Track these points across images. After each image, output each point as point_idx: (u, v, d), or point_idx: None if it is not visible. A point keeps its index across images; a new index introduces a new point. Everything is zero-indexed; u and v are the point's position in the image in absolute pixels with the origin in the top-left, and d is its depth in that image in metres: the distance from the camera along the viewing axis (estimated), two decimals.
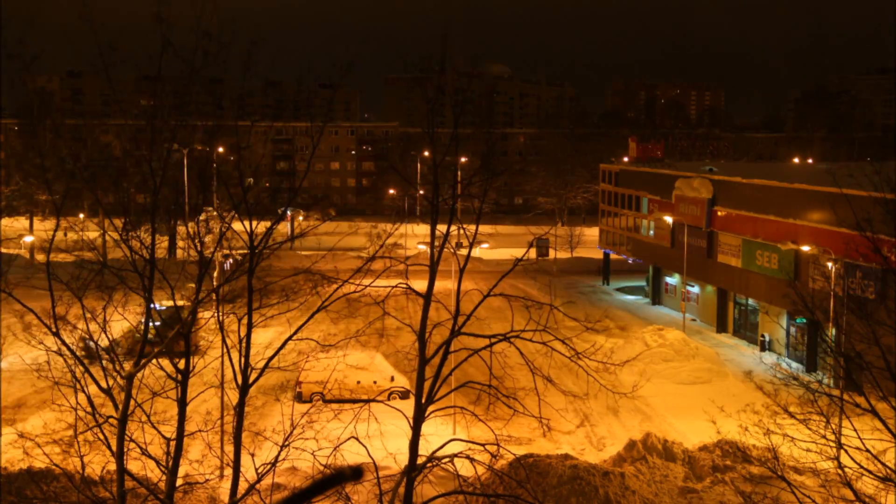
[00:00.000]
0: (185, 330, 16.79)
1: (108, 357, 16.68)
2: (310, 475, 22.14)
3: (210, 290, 18.27)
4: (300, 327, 17.76)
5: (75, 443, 16.41)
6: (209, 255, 17.59)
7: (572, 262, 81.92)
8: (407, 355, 21.72)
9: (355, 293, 18.45)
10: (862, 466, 16.35)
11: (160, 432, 17.01)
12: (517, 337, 18.35)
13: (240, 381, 17.23)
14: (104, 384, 16.63)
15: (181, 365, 16.94)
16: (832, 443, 16.74)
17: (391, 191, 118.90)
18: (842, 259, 38.79)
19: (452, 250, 21.86)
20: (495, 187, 23.46)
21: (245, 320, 17.25)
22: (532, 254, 23.72)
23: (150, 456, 16.76)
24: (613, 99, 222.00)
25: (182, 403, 16.80)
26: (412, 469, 17.85)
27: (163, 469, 16.94)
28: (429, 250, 20.20)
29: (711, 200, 55.56)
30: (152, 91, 17.40)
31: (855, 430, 16.50)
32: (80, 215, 62.62)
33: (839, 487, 18.02)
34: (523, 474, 23.22)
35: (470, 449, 18.10)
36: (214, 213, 19.56)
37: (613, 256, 75.41)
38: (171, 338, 17.06)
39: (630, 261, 72.95)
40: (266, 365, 17.41)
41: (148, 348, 16.73)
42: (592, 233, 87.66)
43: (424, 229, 74.42)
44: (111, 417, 16.47)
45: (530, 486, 20.19)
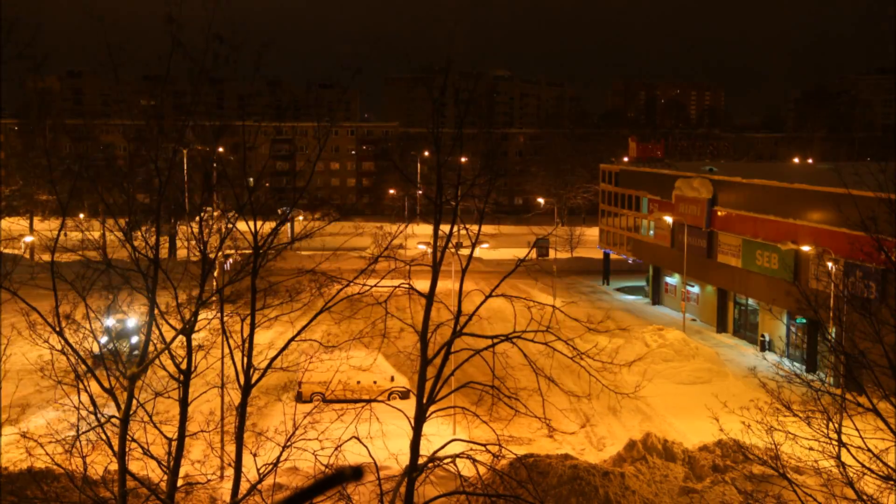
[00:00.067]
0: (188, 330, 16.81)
1: (112, 357, 16.70)
2: (311, 475, 22.14)
3: (213, 291, 18.27)
4: (303, 328, 17.77)
5: (77, 443, 16.41)
6: (212, 256, 17.61)
7: (572, 262, 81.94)
8: (409, 356, 21.72)
9: (358, 294, 18.46)
10: (864, 465, 16.37)
11: (162, 432, 17.02)
12: (519, 337, 18.35)
13: (242, 382, 17.24)
14: (107, 384, 16.64)
15: (183, 365, 16.96)
16: (834, 442, 16.76)
17: (391, 191, 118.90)
18: (842, 259, 38.83)
19: (453, 251, 21.85)
20: (496, 187, 23.43)
21: (248, 321, 17.27)
22: (532, 254, 23.73)
23: (152, 456, 16.77)
24: (613, 99, 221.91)
25: (184, 403, 16.81)
26: (413, 469, 17.85)
27: (164, 469, 16.96)
28: (429, 250, 20.19)
29: (711, 200, 55.57)
30: (157, 91, 17.41)
31: (856, 430, 16.51)
32: (81, 215, 62.64)
33: (841, 487, 18.03)
34: (524, 474, 23.22)
35: (471, 449, 18.09)
36: (217, 213, 19.53)
37: (613, 256, 75.45)
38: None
39: (630, 261, 72.98)
40: (269, 365, 17.43)
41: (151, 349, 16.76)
42: (592, 233, 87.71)
43: (425, 229, 74.39)
44: (113, 417, 16.49)
45: (531, 487, 20.18)
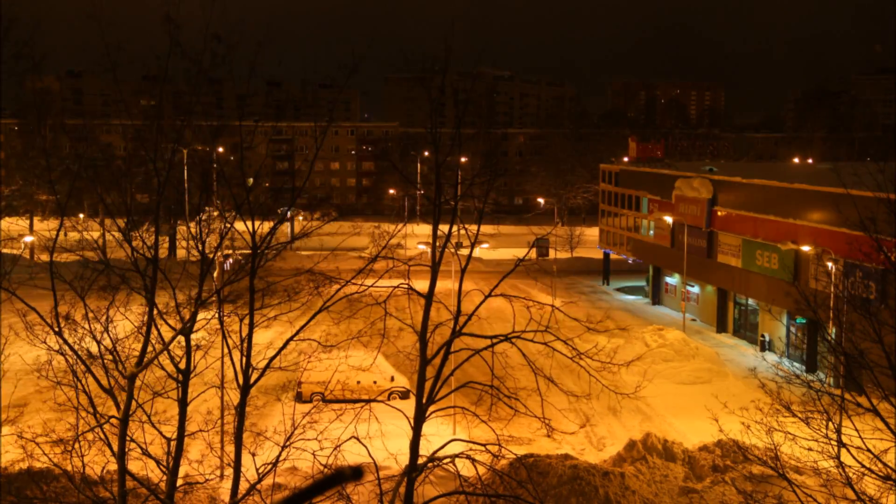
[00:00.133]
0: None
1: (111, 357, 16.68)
2: (310, 475, 22.13)
3: (212, 291, 18.26)
4: (302, 327, 17.75)
5: (76, 443, 16.40)
6: (211, 256, 17.59)
7: (572, 262, 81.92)
8: (408, 356, 21.70)
9: (357, 294, 18.45)
10: (863, 466, 16.35)
11: (161, 432, 17.01)
12: (518, 337, 18.33)
13: (241, 382, 17.23)
14: (106, 384, 16.63)
15: (182, 365, 16.95)
16: (833, 442, 16.74)
17: (391, 191, 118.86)
18: (842, 259, 38.81)
19: (453, 251, 21.83)
20: (495, 187, 23.39)
21: (246, 320, 17.25)
22: (532, 254, 23.70)
23: (151, 456, 16.76)
24: (613, 99, 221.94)
25: (183, 403, 16.80)
26: (413, 469, 17.84)
27: (163, 469, 16.94)
28: (428, 250, 20.17)
29: (711, 200, 55.55)
30: (156, 91, 17.39)
31: (856, 430, 16.50)
32: (80, 215, 62.60)
33: (840, 487, 18.01)
34: (524, 474, 23.21)
35: (471, 449, 18.08)
36: (216, 213, 19.51)
37: (613, 256, 75.42)
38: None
39: (630, 261, 72.95)
40: (268, 365, 17.41)
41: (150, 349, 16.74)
42: (592, 233, 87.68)
43: (424, 229, 74.38)
44: (112, 417, 16.47)
45: (531, 487, 20.17)
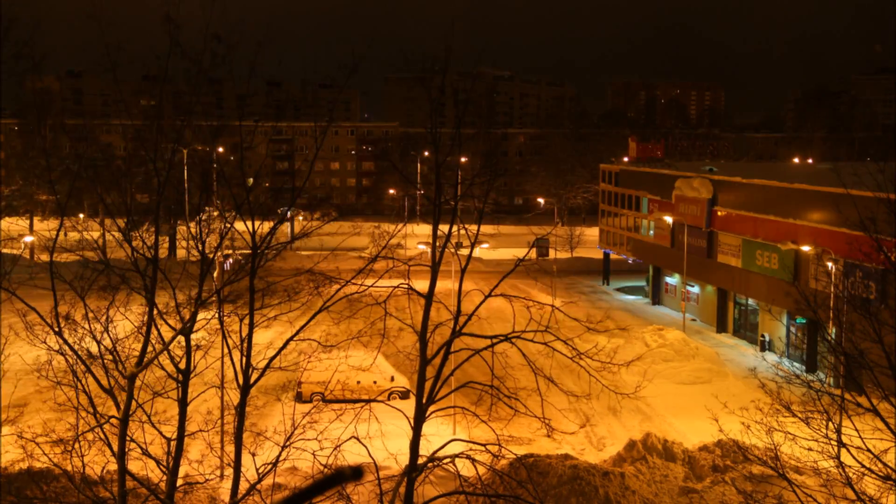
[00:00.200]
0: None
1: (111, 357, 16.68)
2: (310, 475, 22.12)
3: (212, 291, 18.26)
4: (302, 327, 17.75)
5: (76, 443, 16.40)
6: (211, 256, 17.59)
7: (572, 262, 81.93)
8: (408, 356, 21.70)
9: (357, 294, 18.45)
10: (864, 466, 16.35)
11: (161, 432, 17.01)
12: (518, 337, 18.33)
13: (241, 382, 17.22)
14: (106, 384, 16.63)
15: (182, 365, 16.94)
16: (833, 442, 16.74)
17: (391, 191, 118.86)
18: (842, 259, 38.81)
19: (453, 251, 21.83)
20: (495, 187, 23.38)
21: (246, 320, 17.25)
22: (532, 254, 23.70)
23: (151, 456, 16.76)
24: (613, 99, 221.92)
25: (183, 403, 16.79)
26: (413, 469, 17.84)
27: (163, 469, 16.94)
28: (428, 250, 20.17)
29: (711, 200, 55.55)
30: (156, 91, 17.40)
31: (856, 430, 16.50)
32: (80, 215, 62.57)
33: (840, 487, 18.01)
34: (524, 474, 23.20)
35: (471, 449, 18.07)
36: (216, 213, 19.51)
37: (613, 256, 75.42)
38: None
39: (630, 261, 72.95)
40: (268, 365, 17.41)
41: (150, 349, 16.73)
42: (592, 233, 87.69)
43: (424, 229, 74.36)
44: (112, 417, 16.47)
45: (531, 487, 20.16)
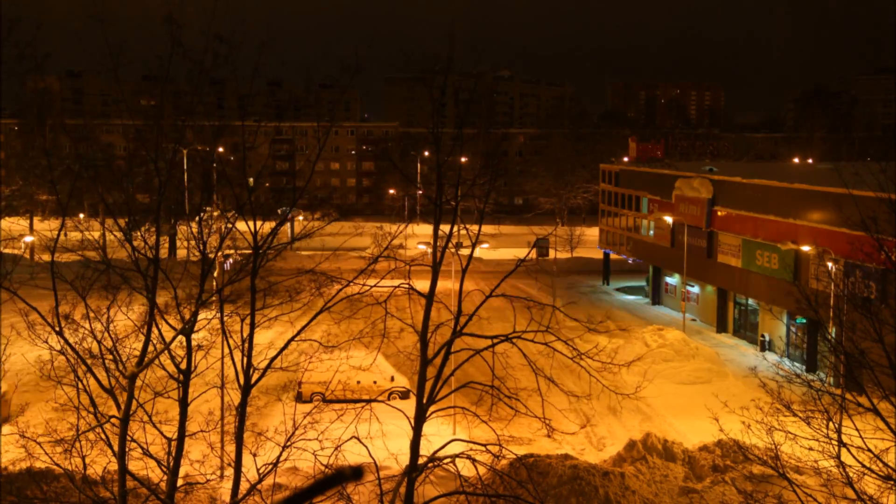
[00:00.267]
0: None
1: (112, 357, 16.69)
2: (311, 475, 22.13)
3: (213, 291, 18.27)
4: (303, 328, 17.76)
5: (77, 443, 16.41)
6: (212, 256, 17.60)
7: (572, 262, 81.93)
8: (409, 356, 21.71)
9: (357, 294, 18.46)
10: (864, 465, 16.35)
11: (162, 432, 17.01)
12: (519, 337, 18.34)
13: (242, 382, 17.23)
14: (106, 384, 16.64)
15: (183, 365, 16.95)
16: (834, 442, 16.74)
17: (391, 191, 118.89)
18: (842, 259, 38.83)
19: (453, 251, 21.84)
20: (496, 187, 23.39)
21: (247, 320, 17.26)
22: (532, 254, 23.70)
23: (152, 456, 16.77)
24: (613, 99, 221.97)
25: (183, 403, 16.80)
26: (413, 469, 17.85)
27: (164, 469, 16.95)
28: (429, 250, 20.18)
29: (711, 200, 55.55)
30: (157, 91, 17.43)
31: (857, 430, 16.50)
32: (81, 215, 62.57)
33: (841, 487, 18.01)
34: (524, 474, 23.20)
35: (471, 449, 18.08)
36: (217, 213, 19.52)
37: (613, 256, 75.42)
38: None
39: (630, 261, 72.95)
40: (268, 365, 17.42)
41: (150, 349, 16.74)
42: (592, 233, 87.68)
43: (425, 229, 74.37)
44: (113, 417, 16.48)
45: (531, 487, 20.17)
